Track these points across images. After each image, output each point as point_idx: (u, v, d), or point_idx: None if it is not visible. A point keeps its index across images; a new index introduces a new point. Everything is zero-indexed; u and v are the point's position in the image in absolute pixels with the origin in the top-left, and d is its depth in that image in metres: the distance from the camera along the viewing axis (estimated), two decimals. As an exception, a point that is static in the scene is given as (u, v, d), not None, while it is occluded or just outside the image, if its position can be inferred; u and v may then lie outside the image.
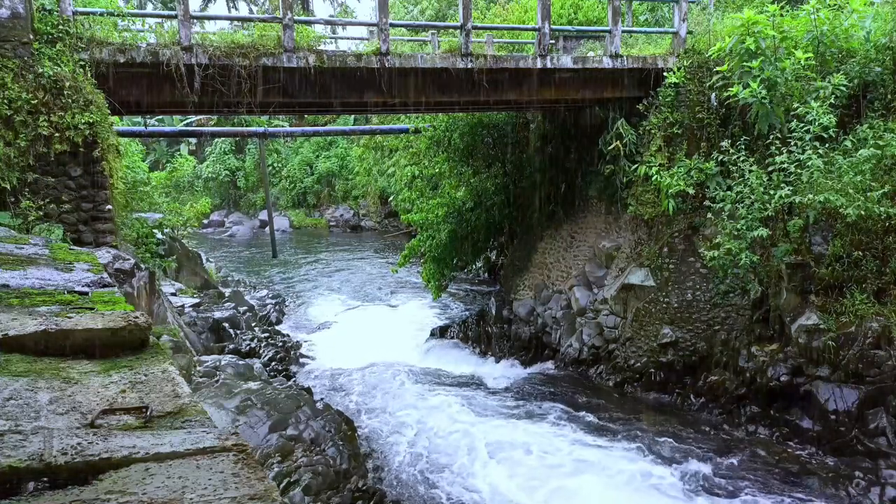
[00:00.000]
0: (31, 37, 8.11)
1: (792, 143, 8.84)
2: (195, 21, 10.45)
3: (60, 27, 8.35)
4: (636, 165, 11.33)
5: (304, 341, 15.75)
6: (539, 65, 10.90)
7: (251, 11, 39.64)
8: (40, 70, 8.00)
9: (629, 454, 9.17)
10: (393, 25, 11.00)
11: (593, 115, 13.16)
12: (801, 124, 8.84)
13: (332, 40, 23.51)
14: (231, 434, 1.64)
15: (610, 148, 11.92)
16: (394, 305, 19.80)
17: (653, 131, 11.35)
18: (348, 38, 25.33)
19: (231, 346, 14.02)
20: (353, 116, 32.68)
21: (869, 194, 8.19)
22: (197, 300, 16.58)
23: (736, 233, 9.07)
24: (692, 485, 8.39)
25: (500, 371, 13.23)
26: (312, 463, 8.09)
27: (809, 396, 8.87)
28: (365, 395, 11.90)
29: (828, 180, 8.39)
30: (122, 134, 11.91)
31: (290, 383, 11.51)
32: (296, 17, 9.79)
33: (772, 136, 9.20)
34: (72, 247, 5.21)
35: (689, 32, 11.77)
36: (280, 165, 42.85)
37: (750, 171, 9.03)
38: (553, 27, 11.76)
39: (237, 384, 9.64)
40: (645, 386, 11.08)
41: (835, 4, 10.00)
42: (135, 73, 9.10)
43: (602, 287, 12.51)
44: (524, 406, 11.07)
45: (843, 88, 9.02)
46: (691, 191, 10.53)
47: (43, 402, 1.80)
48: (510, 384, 12.32)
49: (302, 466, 7.99)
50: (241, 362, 11.51)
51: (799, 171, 8.60)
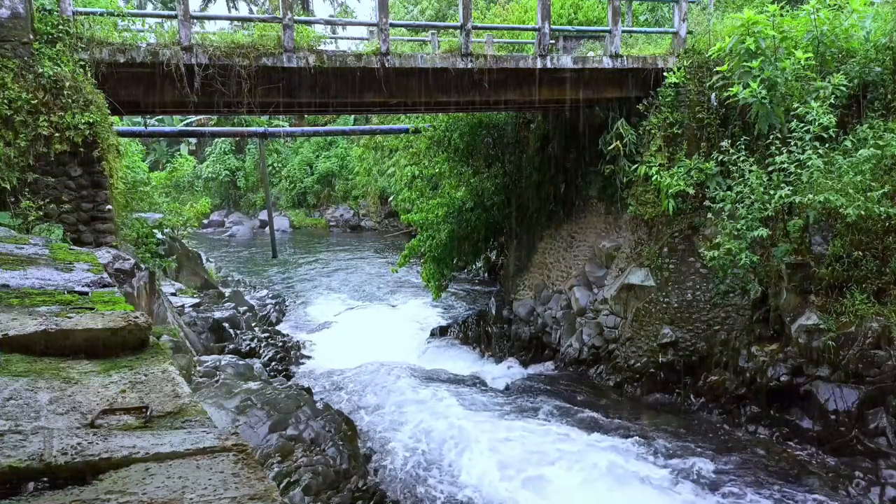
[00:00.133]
0: (31, 37, 8.11)
1: (792, 143, 8.84)
2: (195, 21, 10.45)
3: (60, 27, 8.35)
4: (636, 165, 11.33)
5: (304, 341, 15.76)
6: (539, 65, 10.90)
7: (251, 11, 39.65)
8: (40, 70, 8.00)
9: (629, 454, 9.16)
10: (393, 25, 10.99)
11: (593, 115, 13.16)
12: (801, 124, 8.84)
13: (332, 40, 23.51)
14: (231, 434, 1.64)
15: (610, 148, 11.92)
16: (394, 305, 19.81)
17: (653, 131, 11.34)
18: (348, 38, 25.34)
19: (231, 346, 14.02)
20: (353, 116, 32.68)
21: (869, 194, 8.19)
22: (197, 300, 16.59)
23: (736, 233, 9.07)
24: (692, 484, 8.38)
25: (500, 371, 13.23)
26: (312, 463, 8.09)
27: (809, 396, 8.87)
28: (365, 395, 11.90)
29: (828, 180, 8.39)
30: (122, 134, 11.91)
31: (290, 383, 11.51)
32: (296, 17, 9.79)
33: (772, 136, 9.20)
34: (72, 247, 5.21)
35: (689, 32, 11.77)
36: (280, 165, 42.86)
37: (750, 171, 9.03)
38: (553, 27, 11.76)
39: (237, 384, 9.64)
40: (645, 386, 11.08)
41: (835, 4, 10.00)
42: (135, 73, 9.10)
43: (602, 287, 12.52)
44: (524, 406, 11.07)
45: (843, 88, 9.01)
46: (691, 191, 10.53)
47: (43, 402, 1.80)
48: (510, 384, 12.32)
49: (302, 466, 7.99)
50: (241, 362, 11.51)
51: (799, 171, 8.60)
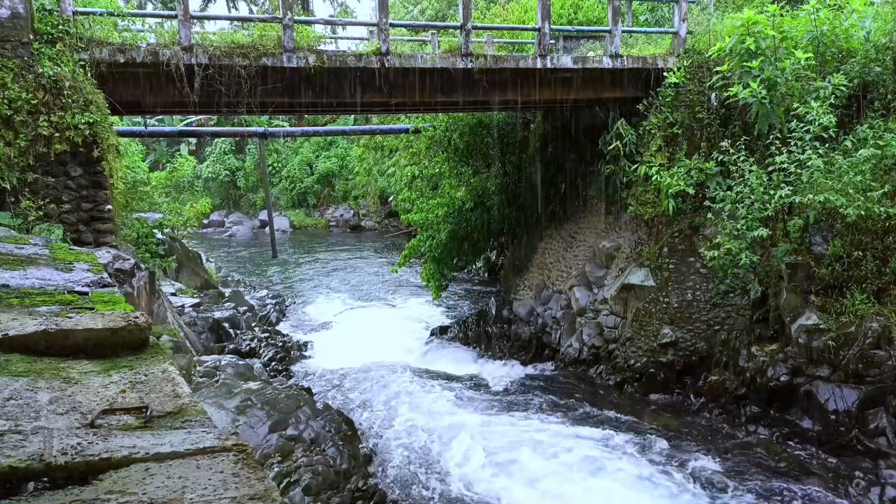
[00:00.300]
0: (31, 37, 8.10)
1: (792, 143, 8.84)
2: (195, 21, 10.45)
3: (60, 27, 8.35)
4: (636, 165, 11.33)
5: (304, 341, 15.75)
6: (539, 65, 10.90)
7: (251, 11, 39.64)
8: (40, 70, 8.00)
9: (629, 454, 9.17)
10: (393, 25, 10.99)
11: (593, 115, 13.16)
12: (801, 124, 8.84)
13: (332, 40, 23.52)
14: (231, 434, 1.64)
15: (610, 148, 11.92)
16: (394, 305, 19.81)
17: (653, 131, 11.34)
18: (348, 38, 25.36)
19: (231, 346, 14.02)
20: (353, 116, 32.68)
21: (869, 194, 8.19)
22: (197, 300, 16.59)
23: (736, 233, 9.07)
24: (692, 484, 8.39)
25: (500, 371, 13.22)
26: (312, 463, 8.09)
27: (809, 396, 8.87)
28: (365, 395, 11.90)
29: (828, 180, 8.39)
30: (122, 134, 11.90)
31: (290, 383, 11.50)
32: (296, 17, 9.79)
33: (772, 136, 9.20)
34: (72, 247, 5.22)
35: (689, 32, 11.77)
36: (280, 165, 42.84)
37: (750, 171, 9.03)
38: (553, 27, 11.76)
39: (237, 384, 9.64)
40: (645, 386, 11.08)
41: (835, 4, 10.00)
42: (135, 73, 9.09)
43: (602, 287, 12.51)
44: (524, 406, 11.07)
45: (843, 88, 9.02)
46: (691, 191, 10.53)
47: (43, 402, 1.80)
48: (510, 384, 12.32)
49: (302, 466, 7.98)
50: (241, 362, 11.50)
51: (799, 171, 8.60)
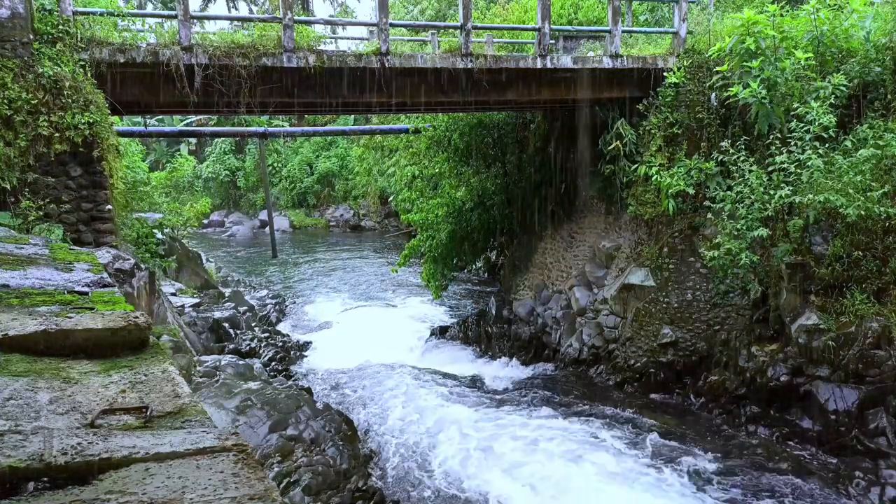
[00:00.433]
0: (31, 37, 8.11)
1: (792, 143, 8.83)
2: (195, 21, 10.45)
3: (60, 27, 8.35)
4: (636, 165, 11.33)
5: (304, 341, 15.76)
6: (539, 65, 10.90)
7: (251, 11, 39.65)
8: (40, 70, 8.00)
9: (629, 454, 9.17)
10: (393, 25, 10.99)
11: (593, 115, 13.15)
12: (801, 124, 8.84)
13: (332, 40, 23.52)
14: (231, 434, 1.64)
15: (610, 148, 11.92)
16: (394, 305, 19.81)
17: (653, 131, 11.34)
18: (348, 38, 25.37)
19: (231, 346, 14.02)
20: (353, 116, 32.68)
21: (869, 194, 8.19)
22: (197, 300, 16.59)
23: (736, 233, 9.07)
24: (692, 484, 8.38)
25: (500, 371, 13.23)
26: (312, 463, 8.09)
27: (809, 396, 8.86)
28: (365, 395, 11.90)
29: (828, 180, 8.38)
30: (122, 134, 11.91)
31: (290, 383, 11.50)
32: (296, 17, 9.79)
33: (772, 136, 9.20)
34: (72, 247, 5.22)
35: (689, 32, 11.77)
36: (280, 165, 42.86)
37: (750, 171, 9.03)
38: (553, 27, 11.76)
39: (237, 384, 9.64)
40: (645, 386, 11.08)
41: (835, 4, 10.00)
42: (135, 73, 9.09)
43: (602, 287, 12.51)
44: (524, 406, 11.07)
45: (843, 88, 9.01)
46: (691, 191, 10.53)
47: (43, 402, 1.80)
48: (510, 384, 12.32)
49: (302, 466, 7.99)
50: (241, 362, 11.50)
51: (799, 171, 8.59)
